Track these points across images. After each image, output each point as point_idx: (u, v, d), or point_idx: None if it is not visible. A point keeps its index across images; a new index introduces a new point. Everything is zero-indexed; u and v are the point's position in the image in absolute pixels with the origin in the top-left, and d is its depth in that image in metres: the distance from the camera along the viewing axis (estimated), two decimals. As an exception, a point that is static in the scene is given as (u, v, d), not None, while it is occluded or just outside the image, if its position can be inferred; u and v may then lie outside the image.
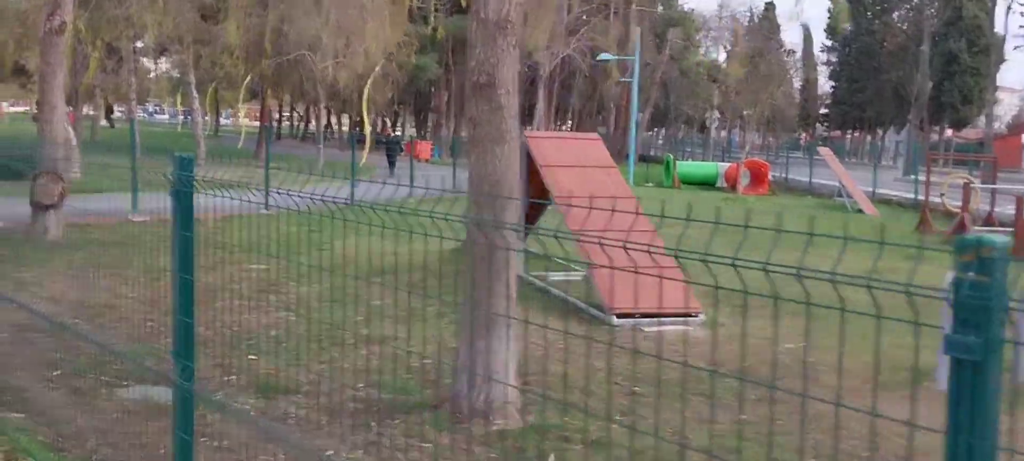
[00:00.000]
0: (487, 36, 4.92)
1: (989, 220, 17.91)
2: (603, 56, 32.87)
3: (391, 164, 31.56)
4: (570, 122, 52.93)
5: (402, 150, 35.13)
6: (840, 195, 24.64)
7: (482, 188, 5.02)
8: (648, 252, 2.07)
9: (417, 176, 20.98)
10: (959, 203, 19.17)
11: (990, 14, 55.29)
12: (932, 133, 56.45)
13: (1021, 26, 41.65)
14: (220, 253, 6.93)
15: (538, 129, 40.68)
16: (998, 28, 56.11)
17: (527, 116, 54.15)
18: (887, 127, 64.47)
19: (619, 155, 49.29)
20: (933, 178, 18.85)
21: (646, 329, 7.75)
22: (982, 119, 61.82)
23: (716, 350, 7.03)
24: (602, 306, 8.02)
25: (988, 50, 54.71)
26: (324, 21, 25.71)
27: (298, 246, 6.25)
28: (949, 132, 61.88)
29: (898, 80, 59.46)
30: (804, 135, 74.28)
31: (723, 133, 68.45)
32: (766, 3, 68.75)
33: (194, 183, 2.98)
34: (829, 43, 73.47)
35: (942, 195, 18.64)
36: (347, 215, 3.11)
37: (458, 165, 23.90)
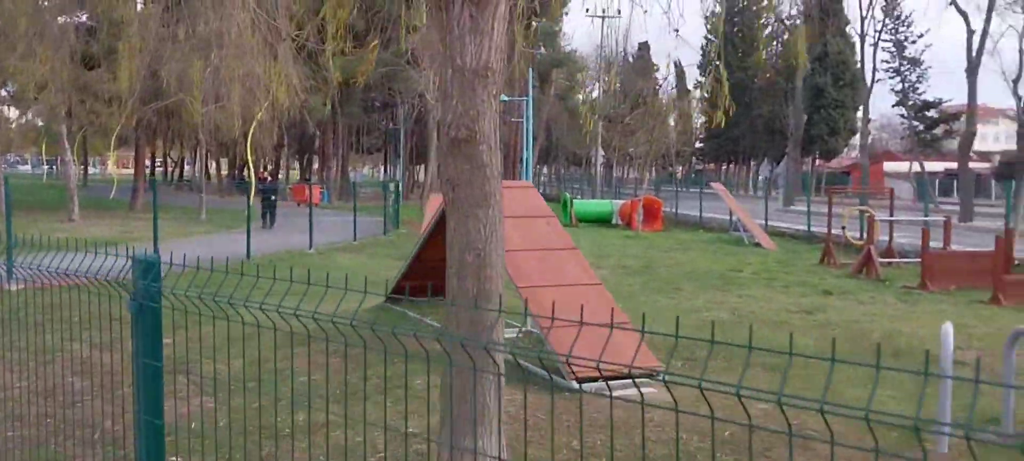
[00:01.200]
0: (465, 85, 4.32)
1: (889, 251, 18.35)
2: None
3: (269, 214, 26.69)
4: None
5: (280, 197, 32.99)
6: (735, 229, 24.97)
7: (465, 259, 4.39)
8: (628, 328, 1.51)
9: (313, 223, 19.94)
10: (844, 233, 19.63)
11: (854, 50, 58.32)
12: (803, 164, 58.78)
13: (884, 61, 44.06)
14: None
15: (433, 169, 40.04)
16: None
17: (420, 157, 53.49)
18: (760, 160, 66.79)
19: (509, 194, 49.30)
20: (815, 209, 19.27)
21: (617, 394, 7.20)
22: (848, 148, 64.99)
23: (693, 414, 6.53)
24: (559, 370, 7.44)
25: (853, 83, 57.57)
26: (204, 64, 24.43)
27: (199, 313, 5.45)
28: (819, 162, 64.52)
29: (769, 114, 61.84)
30: (680, 169, 76.29)
31: (607, 170, 69.47)
32: (639, 43, 70.64)
33: (162, 295, 2.25)
34: (702, 80, 76.12)
35: (844, 227, 19.01)
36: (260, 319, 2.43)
37: (361, 211, 22.97)
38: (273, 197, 27.59)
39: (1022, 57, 38.38)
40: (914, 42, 48.63)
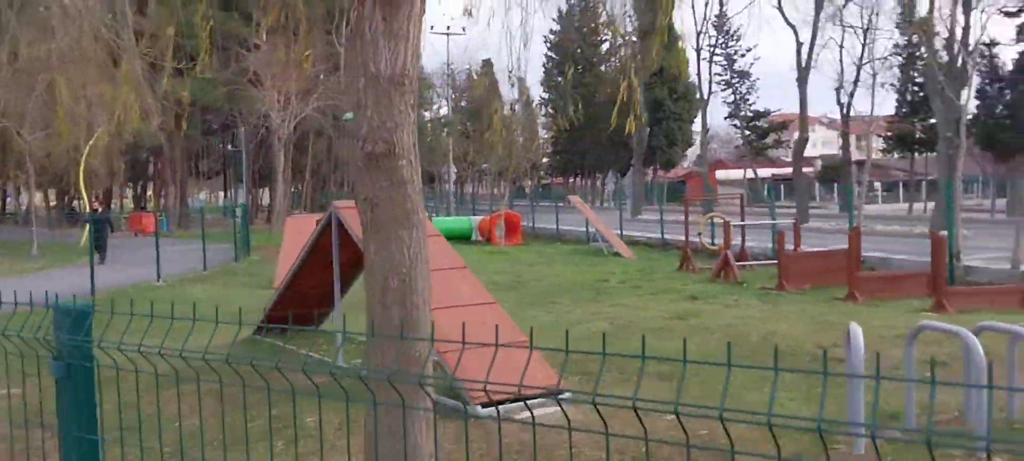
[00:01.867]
0: (381, 95, 3.95)
1: (743, 255, 19.02)
2: (347, 115, 31.84)
3: (101, 248, 22.69)
4: (306, 183, 51.01)
5: (113, 228, 30.48)
6: (594, 240, 25.33)
7: (388, 284, 4.00)
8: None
9: (158, 255, 18.64)
10: (700, 240, 20.26)
11: (687, 64, 60.90)
12: (645, 174, 60.80)
13: (717, 74, 46.27)
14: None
15: (280, 191, 38.63)
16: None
17: (263, 179, 51.52)
18: (606, 172, 68.55)
19: (360, 214, 48.26)
20: (668, 218, 19.90)
21: (519, 417, 6.93)
22: (685, 159, 67.78)
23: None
24: (460, 396, 7.09)
25: (687, 96, 60.09)
26: (29, 91, 22.57)
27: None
28: (660, 173, 66.84)
29: (613, 128, 63.62)
30: (529, 183, 77.33)
31: (458, 186, 69.42)
32: (483, 60, 71.20)
33: (95, 350, 1.79)
34: (546, 96, 77.37)
35: (700, 234, 19.56)
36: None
37: (207, 238, 21.71)
38: (103, 228, 24.78)
39: (842, 67, 41.22)
40: (743, 56, 51.30)
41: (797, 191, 32.99)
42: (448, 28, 55.95)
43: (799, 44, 32.96)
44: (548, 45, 71.09)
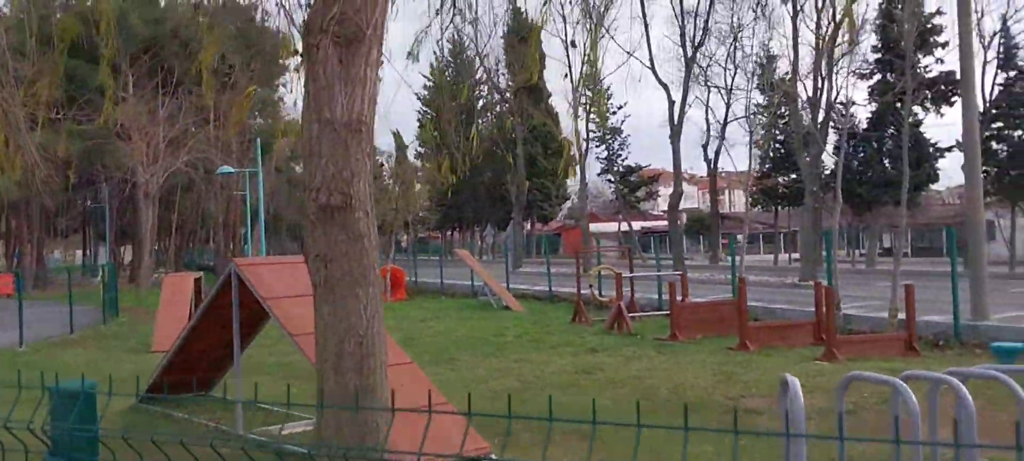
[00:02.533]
0: (337, 142, 3.67)
1: (632, 306, 19.22)
2: (223, 169, 30.72)
3: None
4: (172, 240, 48.78)
5: None
6: (483, 294, 25.13)
7: (344, 348, 3.67)
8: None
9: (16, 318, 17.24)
10: (592, 292, 20.43)
11: (557, 121, 62.19)
12: (523, 227, 61.37)
13: (591, 130, 47.34)
14: None
15: (145, 249, 36.70)
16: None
17: (124, 236, 48.94)
18: (484, 225, 68.82)
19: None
20: (539, 270, 20.02)
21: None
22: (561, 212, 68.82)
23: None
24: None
25: (560, 152, 61.27)
26: None
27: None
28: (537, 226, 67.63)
29: (491, 182, 64.08)
30: (405, 237, 76.70)
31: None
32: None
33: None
34: (421, 150, 77.37)
35: (591, 286, 19.68)
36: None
37: (75, 300, 20.28)
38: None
39: (709, 124, 42.93)
40: (615, 113, 52.83)
41: (674, 243, 33.93)
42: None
43: (671, 102, 34.16)
44: (421, 100, 71.18)
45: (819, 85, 31.37)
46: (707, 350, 14.21)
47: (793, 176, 45.63)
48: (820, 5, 29.80)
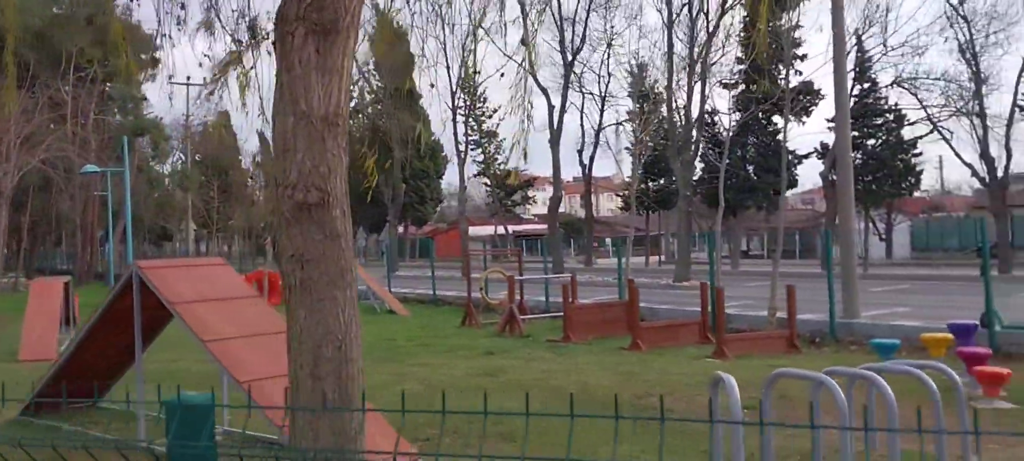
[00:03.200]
0: (313, 136, 3.50)
1: (521, 309, 19.33)
2: (87, 168, 29.01)
3: None
4: (23, 242, 45.62)
5: None
6: (366, 298, 24.72)
7: (322, 353, 3.50)
8: None
9: None
10: (482, 295, 20.43)
11: (429, 124, 61.99)
12: (399, 230, 60.85)
13: (466, 133, 47.35)
14: None
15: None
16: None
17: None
18: (356, 229, 67.75)
19: (89, 274, 43.96)
20: (419, 273, 19.98)
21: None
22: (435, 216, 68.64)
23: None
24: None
25: (433, 156, 61.15)
26: None
27: None
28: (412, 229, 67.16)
29: (363, 184, 63.19)
30: (269, 240, 74.70)
31: (196, 244, 65.49)
32: (220, 111, 68.25)
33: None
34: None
35: (481, 289, 19.67)
36: None
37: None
38: None
39: (583, 130, 43.74)
40: (490, 117, 53.08)
41: (553, 246, 34.41)
42: (188, 78, 53.10)
43: (551, 107, 34.68)
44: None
45: (691, 93, 32.55)
46: (601, 351, 14.45)
47: (663, 181, 47.12)
48: (693, 15, 30.95)
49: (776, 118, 39.85)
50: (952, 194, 60.91)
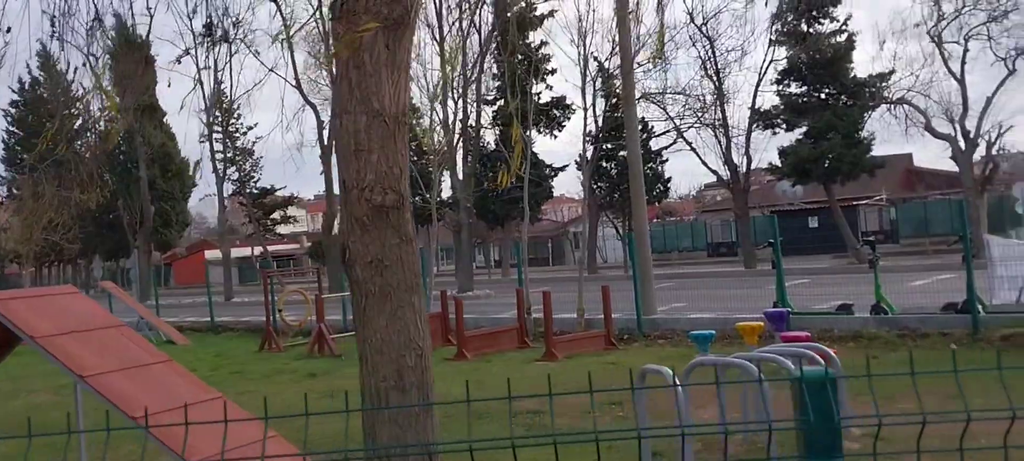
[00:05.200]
0: (387, 136, 3.33)
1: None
2: None
3: None
4: None
5: None
6: (140, 328, 22.84)
7: (405, 362, 3.33)
8: None
9: None
10: (282, 318, 19.65)
11: (176, 141, 58.39)
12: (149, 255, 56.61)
13: (218, 151, 44.71)
14: None
15: None
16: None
17: None
18: (91, 257, 62.15)
19: None
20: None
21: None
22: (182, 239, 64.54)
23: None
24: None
25: (179, 175, 57.63)
26: None
27: None
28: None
29: (100, 209, 58.18)
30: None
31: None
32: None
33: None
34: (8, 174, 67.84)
35: (280, 311, 18.86)
36: None
37: None
38: None
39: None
40: (245, 133, 50.86)
41: (328, 261, 33.52)
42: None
43: (320, 121, 33.88)
44: (9, 120, 62.67)
45: (454, 108, 33.24)
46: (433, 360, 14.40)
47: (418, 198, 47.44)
48: (449, 30, 31.55)
49: (532, 132, 41.62)
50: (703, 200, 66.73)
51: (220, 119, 42.30)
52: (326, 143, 32.56)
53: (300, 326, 19.04)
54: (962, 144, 31.75)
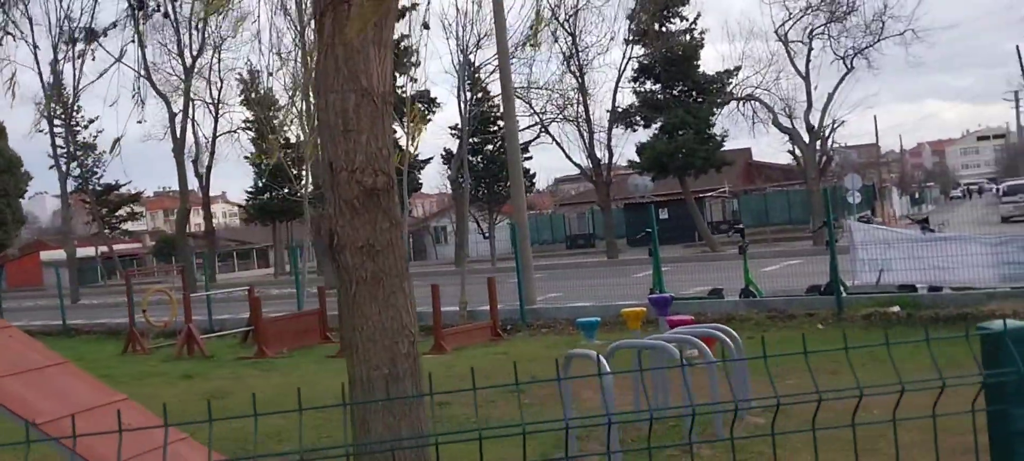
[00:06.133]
0: (376, 115, 3.23)
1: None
2: None
3: None
4: None
5: None
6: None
7: (398, 349, 3.24)
8: None
9: None
10: (145, 318, 18.68)
11: (4, 135, 54.41)
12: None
13: (59, 146, 41.44)
14: None
15: None
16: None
17: None
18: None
19: None
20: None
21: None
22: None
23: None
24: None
25: (11, 170, 53.71)
26: None
27: None
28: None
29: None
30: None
31: None
32: None
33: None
34: None
35: (144, 311, 17.88)
36: None
37: None
38: None
39: (197, 139, 41.38)
40: (86, 127, 47.78)
41: (182, 259, 32.12)
42: None
43: (172, 114, 32.34)
44: None
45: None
46: (311, 360, 14.09)
47: (286, 191, 46.11)
48: (301, 26, 30.75)
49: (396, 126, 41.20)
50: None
51: (59, 111, 39.61)
52: (178, 137, 31.16)
53: (165, 327, 18.16)
54: (806, 137, 33.71)
